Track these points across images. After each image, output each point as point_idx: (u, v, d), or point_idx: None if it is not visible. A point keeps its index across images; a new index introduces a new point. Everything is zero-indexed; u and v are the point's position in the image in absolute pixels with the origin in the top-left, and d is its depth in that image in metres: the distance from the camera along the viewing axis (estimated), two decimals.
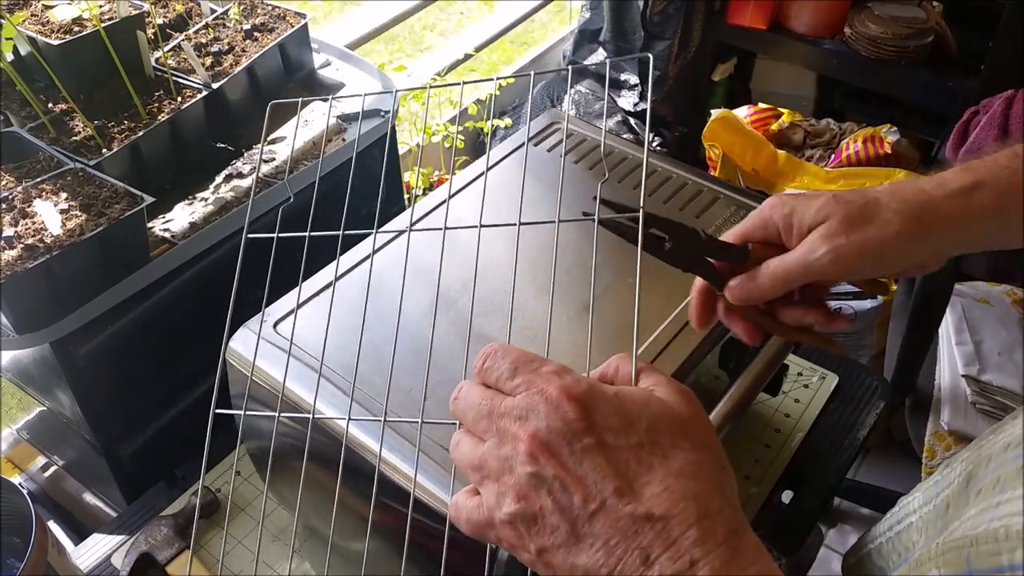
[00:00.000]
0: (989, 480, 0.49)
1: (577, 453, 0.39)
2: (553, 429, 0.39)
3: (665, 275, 0.77)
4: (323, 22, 2.35)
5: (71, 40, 0.94)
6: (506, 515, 0.40)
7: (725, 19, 1.95)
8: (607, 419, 0.40)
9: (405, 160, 1.72)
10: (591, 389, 0.41)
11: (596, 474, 0.38)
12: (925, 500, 0.63)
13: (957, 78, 1.75)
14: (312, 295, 0.75)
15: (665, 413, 0.41)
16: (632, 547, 0.37)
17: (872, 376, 1.07)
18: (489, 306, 0.73)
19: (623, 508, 0.38)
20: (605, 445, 0.39)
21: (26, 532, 0.73)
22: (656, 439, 0.40)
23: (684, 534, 0.37)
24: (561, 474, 0.39)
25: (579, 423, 0.39)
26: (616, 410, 0.40)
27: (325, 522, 0.81)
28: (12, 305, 0.76)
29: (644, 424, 0.40)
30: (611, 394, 0.41)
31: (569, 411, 0.39)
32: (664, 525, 0.37)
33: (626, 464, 0.39)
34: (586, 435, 0.39)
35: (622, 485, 0.38)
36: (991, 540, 0.43)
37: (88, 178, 0.86)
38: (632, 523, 0.38)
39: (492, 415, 0.41)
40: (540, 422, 0.40)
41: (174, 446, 0.96)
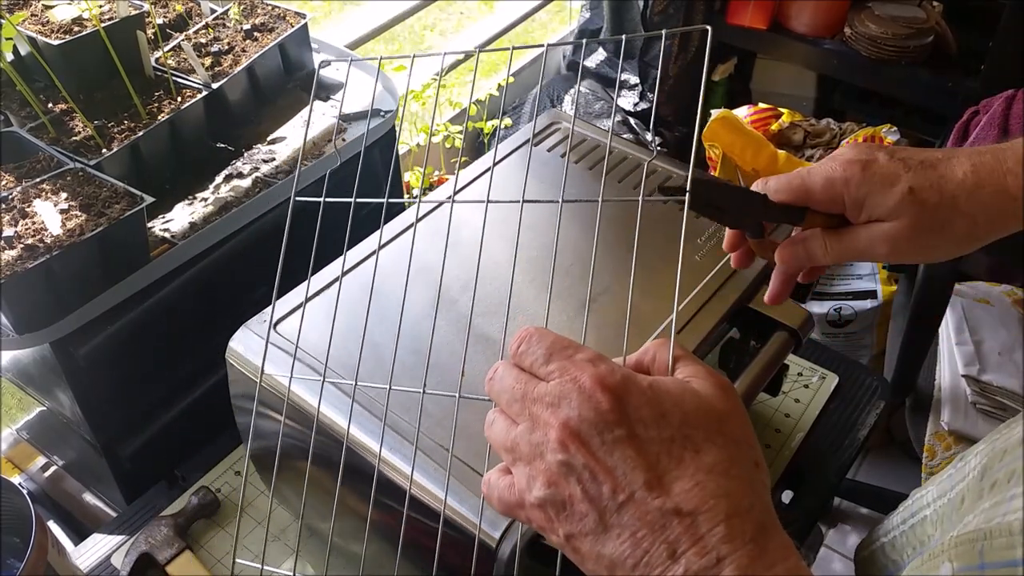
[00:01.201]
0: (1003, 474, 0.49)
1: (608, 444, 0.39)
2: (585, 419, 0.39)
3: (663, 275, 0.77)
4: (323, 22, 2.35)
5: (71, 40, 0.94)
6: (536, 499, 0.40)
7: (725, 19, 1.95)
8: (640, 411, 0.39)
9: (405, 160, 1.72)
10: (625, 380, 0.40)
11: (626, 465, 0.38)
12: (939, 493, 0.63)
13: (957, 78, 1.75)
14: (312, 295, 0.75)
15: (700, 407, 0.40)
16: (659, 540, 0.37)
17: (872, 376, 1.07)
18: (489, 306, 0.73)
19: (652, 501, 0.38)
20: (636, 437, 0.39)
21: (26, 532, 0.73)
22: (689, 433, 0.39)
23: (712, 530, 0.37)
24: (591, 463, 0.39)
25: (611, 414, 0.39)
26: (649, 402, 0.40)
27: (326, 522, 0.81)
28: (12, 305, 0.76)
29: (677, 418, 0.40)
30: (645, 385, 0.40)
31: (602, 401, 0.39)
32: (692, 520, 0.37)
33: (657, 457, 0.39)
34: (617, 426, 0.39)
35: (652, 478, 0.38)
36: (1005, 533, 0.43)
37: (88, 178, 0.86)
38: (660, 517, 0.38)
39: (525, 399, 0.42)
40: (572, 411, 0.40)
41: (174, 446, 0.96)
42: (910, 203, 0.51)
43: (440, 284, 0.73)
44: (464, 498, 0.59)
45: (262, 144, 1.02)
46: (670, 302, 0.74)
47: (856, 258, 0.55)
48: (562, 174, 0.88)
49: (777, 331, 0.77)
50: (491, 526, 0.58)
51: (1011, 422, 0.55)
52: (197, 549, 0.87)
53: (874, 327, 1.78)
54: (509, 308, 0.72)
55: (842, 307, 1.76)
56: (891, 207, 0.52)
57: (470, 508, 0.58)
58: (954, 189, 0.52)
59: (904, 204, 0.51)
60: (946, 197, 0.51)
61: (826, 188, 0.53)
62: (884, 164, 0.53)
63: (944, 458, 1.41)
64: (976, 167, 0.52)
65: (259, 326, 0.73)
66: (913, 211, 0.51)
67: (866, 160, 0.53)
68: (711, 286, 0.76)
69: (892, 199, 0.52)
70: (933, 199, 0.51)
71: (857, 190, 0.53)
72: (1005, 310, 1.58)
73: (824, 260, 0.55)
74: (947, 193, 0.51)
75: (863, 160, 0.53)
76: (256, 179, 0.97)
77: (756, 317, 0.78)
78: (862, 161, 0.53)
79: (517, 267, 0.75)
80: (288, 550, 0.87)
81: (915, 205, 0.51)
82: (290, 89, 1.10)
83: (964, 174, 0.52)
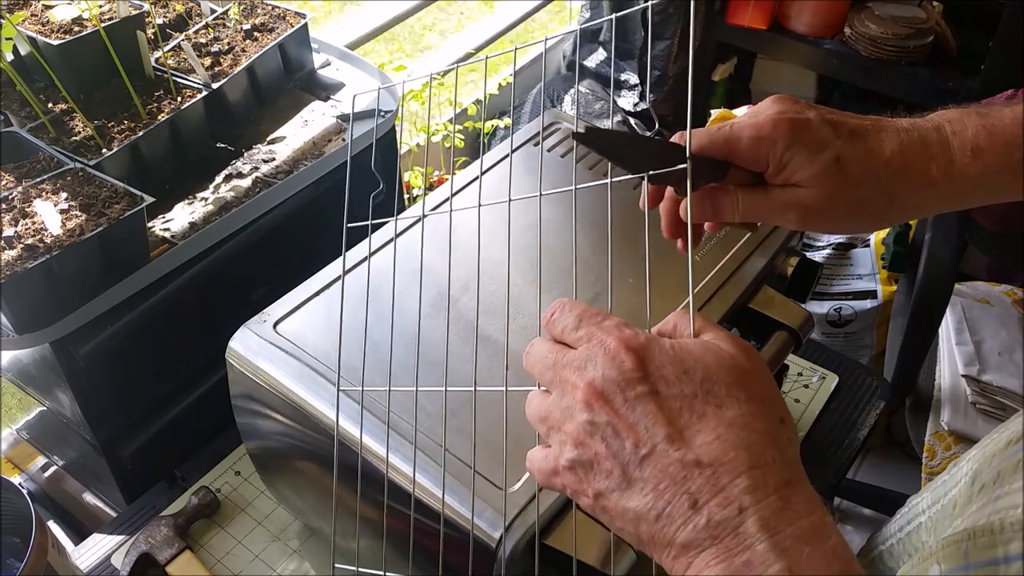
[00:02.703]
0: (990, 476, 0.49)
1: (631, 400, 0.40)
2: (608, 378, 0.40)
3: (670, 269, 0.77)
4: (323, 22, 2.35)
5: (71, 40, 0.94)
6: (567, 461, 0.41)
7: (725, 19, 1.95)
8: (662, 369, 0.40)
9: (405, 160, 1.72)
10: (648, 341, 0.42)
11: (648, 420, 0.39)
12: (933, 500, 0.63)
13: (957, 78, 1.75)
14: (311, 295, 0.75)
15: (722, 365, 0.41)
16: (681, 492, 0.38)
17: (872, 376, 1.07)
18: (489, 305, 0.73)
19: (673, 453, 0.38)
20: (658, 394, 0.40)
21: (26, 532, 0.73)
22: (711, 389, 0.40)
23: (733, 481, 0.37)
24: (614, 420, 0.40)
25: (634, 372, 0.40)
26: (672, 360, 0.41)
27: (326, 521, 0.81)
28: (12, 305, 0.76)
29: (700, 375, 0.40)
30: (668, 346, 0.42)
31: (626, 360, 0.40)
32: (713, 472, 0.38)
33: (678, 412, 0.39)
34: (640, 384, 0.40)
35: (673, 432, 0.39)
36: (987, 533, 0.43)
37: (88, 178, 0.86)
38: (681, 468, 0.38)
39: (556, 366, 0.43)
40: (597, 371, 0.41)
41: (174, 446, 0.96)
42: (834, 173, 0.50)
43: (447, 285, 0.73)
44: (464, 498, 0.59)
45: (262, 144, 1.02)
46: (675, 297, 0.74)
47: (764, 219, 0.54)
48: (563, 174, 0.88)
49: (777, 331, 0.77)
50: (491, 526, 0.58)
51: (1001, 427, 0.55)
52: (197, 549, 0.87)
53: (874, 327, 1.78)
54: (509, 308, 0.72)
55: (842, 307, 1.76)
56: (813, 175, 0.50)
57: (470, 508, 0.58)
58: (880, 167, 0.51)
59: (827, 174, 0.50)
60: (871, 174, 0.51)
61: (752, 146, 0.51)
62: (815, 127, 0.51)
63: (944, 458, 1.41)
64: (903, 147, 0.51)
65: (259, 326, 0.72)
66: (834, 182, 0.50)
67: (796, 119, 0.51)
68: (711, 286, 0.76)
69: (816, 166, 0.50)
70: (858, 174, 0.50)
71: (783, 152, 0.51)
72: (1005, 310, 1.58)
73: (732, 218, 0.54)
74: (872, 170, 0.51)
75: (792, 119, 0.51)
76: (256, 179, 0.97)
77: (756, 317, 0.78)
78: (791, 120, 0.51)
79: (517, 267, 0.75)
80: (288, 550, 0.87)
81: (838, 176, 0.50)
82: (290, 89, 1.10)
83: (892, 152, 0.51)
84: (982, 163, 0.51)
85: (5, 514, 0.79)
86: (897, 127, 0.52)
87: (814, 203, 0.51)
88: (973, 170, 0.51)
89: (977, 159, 0.51)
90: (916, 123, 0.53)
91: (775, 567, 0.36)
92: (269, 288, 0.63)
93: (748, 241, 0.81)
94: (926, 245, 1.57)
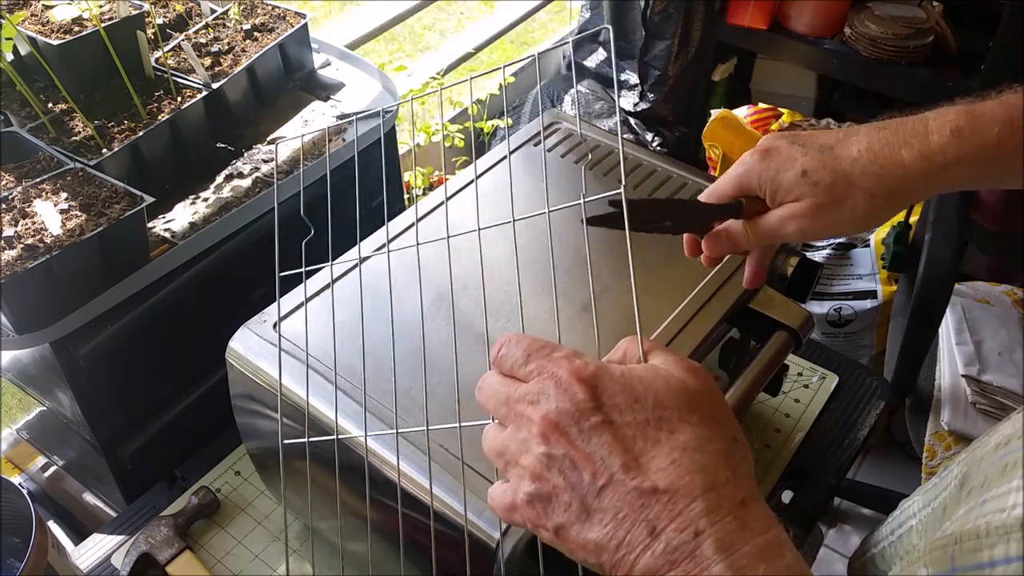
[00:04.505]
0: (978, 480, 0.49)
1: (585, 432, 0.40)
2: (563, 410, 0.40)
3: (664, 275, 0.77)
4: (323, 22, 2.35)
5: (71, 40, 0.94)
6: (525, 495, 0.41)
7: (725, 19, 1.95)
8: (614, 398, 0.41)
9: (405, 160, 1.72)
10: (598, 370, 0.42)
11: (604, 450, 0.39)
12: (924, 503, 0.63)
13: (957, 78, 1.75)
14: (311, 296, 0.75)
15: (671, 388, 0.41)
16: (639, 519, 0.38)
17: (872, 376, 1.07)
18: (489, 307, 0.73)
19: (629, 482, 0.39)
20: (612, 423, 0.40)
21: (26, 532, 0.73)
22: (663, 415, 0.40)
23: (689, 506, 0.38)
24: (571, 452, 0.40)
25: (587, 403, 0.40)
26: (623, 388, 0.41)
27: (326, 521, 0.81)
28: (12, 305, 0.76)
29: (651, 401, 0.41)
30: (617, 374, 0.42)
31: (578, 392, 0.41)
32: (670, 498, 0.38)
33: (633, 440, 0.40)
34: (593, 414, 0.40)
35: (628, 460, 0.39)
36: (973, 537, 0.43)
37: (88, 178, 0.86)
38: (639, 496, 0.38)
39: (509, 401, 0.43)
40: (551, 404, 0.41)
41: (174, 446, 0.96)
42: (805, 184, 0.56)
43: (452, 287, 0.73)
44: (463, 498, 0.59)
45: (262, 144, 1.02)
46: (670, 302, 0.74)
47: (774, 238, 0.59)
48: (563, 174, 0.88)
49: (777, 331, 0.77)
50: (491, 526, 0.58)
51: (991, 430, 0.55)
52: (197, 549, 0.87)
53: (874, 327, 1.78)
54: (522, 308, 0.72)
55: (842, 307, 1.76)
56: (789, 189, 0.56)
57: (470, 509, 0.58)
58: (847, 167, 0.55)
59: (800, 185, 0.56)
60: (839, 175, 0.55)
61: (739, 183, 0.59)
62: (784, 150, 0.57)
63: (944, 458, 1.42)
64: (872, 143, 0.55)
65: (259, 326, 0.73)
66: (810, 191, 0.55)
67: (766, 148, 0.58)
68: (711, 286, 0.76)
69: (789, 181, 0.56)
70: (826, 179, 0.55)
71: (759, 178, 0.57)
72: (1005, 310, 1.58)
73: (747, 245, 0.60)
74: (840, 172, 0.55)
75: (764, 149, 0.58)
76: (256, 179, 0.97)
77: (756, 317, 0.78)
78: (762, 150, 0.58)
79: (517, 268, 0.75)
80: (288, 550, 0.87)
81: (810, 186, 0.55)
82: (290, 89, 1.10)
83: (859, 152, 0.55)
84: (960, 141, 0.53)
85: (5, 514, 0.79)
86: (870, 127, 0.56)
87: (802, 213, 0.56)
88: (951, 149, 0.53)
89: (956, 138, 0.53)
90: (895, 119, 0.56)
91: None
92: (269, 288, 0.63)
93: None
94: (926, 245, 1.57)
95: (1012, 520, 0.41)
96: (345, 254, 0.77)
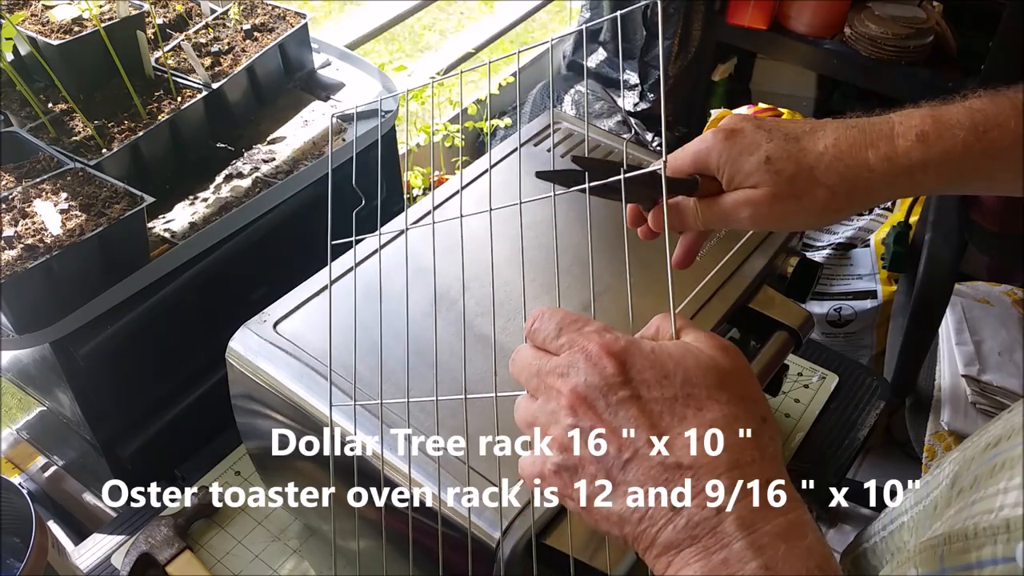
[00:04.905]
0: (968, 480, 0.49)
1: (613, 405, 0.40)
2: (591, 384, 0.41)
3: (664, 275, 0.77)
4: (323, 22, 2.35)
5: (71, 40, 0.94)
6: (552, 465, 0.42)
7: (725, 19, 1.95)
8: (643, 373, 0.41)
9: (405, 160, 1.72)
10: (629, 345, 0.42)
11: (630, 424, 0.40)
12: (916, 500, 0.63)
13: (957, 78, 1.75)
14: (311, 295, 0.75)
15: (701, 366, 0.42)
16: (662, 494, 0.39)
17: (872, 376, 1.07)
18: (490, 306, 0.73)
19: (654, 456, 0.39)
20: (640, 398, 0.41)
21: (26, 532, 0.73)
22: (691, 392, 0.41)
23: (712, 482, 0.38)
24: (597, 425, 0.40)
25: (616, 377, 0.41)
26: (652, 364, 0.41)
27: (326, 521, 0.81)
28: (12, 305, 0.76)
29: (680, 377, 0.41)
30: (648, 350, 0.42)
31: (607, 366, 0.41)
32: (694, 473, 0.38)
33: (659, 415, 0.40)
34: (622, 388, 0.41)
35: (655, 435, 0.40)
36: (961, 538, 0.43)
37: (88, 178, 0.86)
38: (663, 471, 0.39)
39: (540, 374, 0.44)
40: (580, 377, 0.41)
41: (174, 446, 0.96)
42: (766, 171, 0.54)
43: (445, 286, 0.73)
44: (463, 498, 0.59)
45: (262, 144, 1.02)
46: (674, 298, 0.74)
47: (724, 223, 0.57)
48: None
49: (777, 331, 0.77)
50: (491, 526, 0.58)
51: (982, 429, 0.55)
52: (197, 549, 0.87)
53: (874, 327, 1.78)
54: (495, 309, 0.72)
55: (842, 307, 1.77)
56: (749, 174, 0.55)
57: (469, 508, 0.58)
58: (812, 161, 0.54)
59: (761, 172, 0.54)
60: (803, 168, 0.54)
61: (696, 159, 0.57)
62: (749, 133, 0.56)
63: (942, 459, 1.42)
64: (838, 140, 0.54)
65: (259, 326, 0.73)
66: (771, 179, 0.54)
67: (731, 129, 0.56)
68: (711, 286, 0.76)
69: (749, 166, 0.55)
70: (789, 169, 0.54)
71: (718, 158, 0.56)
72: (1005, 310, 1.58)
73: (695, 225, 0.59)
74: (804, 164, 0.54)
75: (728, 129, 0.56)
76: (256, 179, 0.97)
77: (756, 317, 0.78)
78: (727, 130, 0.56)
79: (517, 268, 0.75)
80: (288, 550, 0.87)
81: (771, 174, 0.54)
82: (290, 89, 1.10)
83: (825, 147, 0.54)
84: (925, 146, 0.53)
85: (5, 514, 0.79)
86: (838, 124, 0.56)
87: (758, 200, 0.55)
88: (916, 153, 0.53)
89: (921, 143, 0.53)
90: (863, 118, 0.56)
91: (751, 565, 0.36)
92: (269, 288, 0.63)
93: (748, 241, 0.81)
94: (926, 245, 1.57)
95: (1000, 521, 0.41)
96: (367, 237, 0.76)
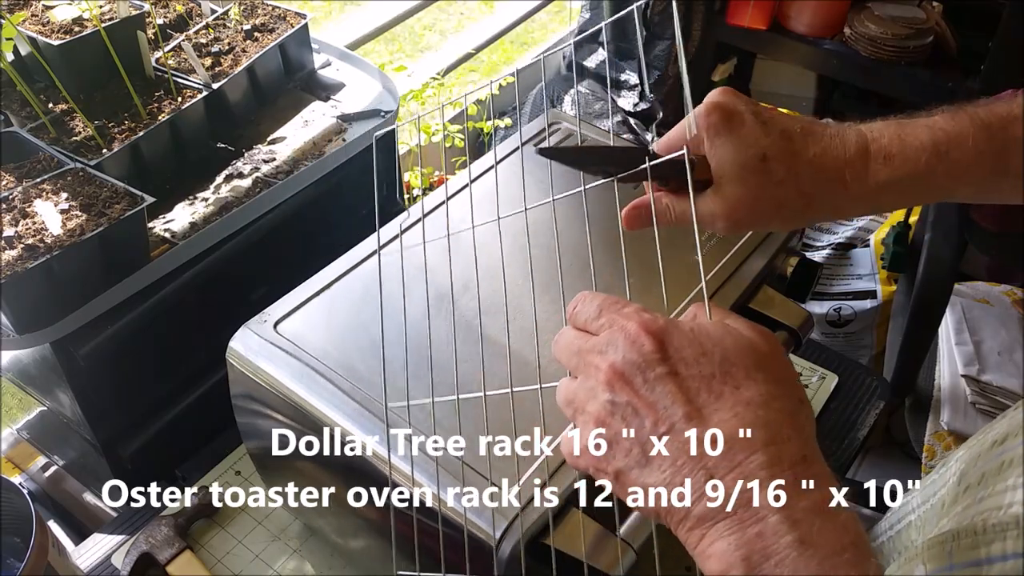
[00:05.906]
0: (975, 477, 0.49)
1: (650, 381, 0.41)
2: (629, 360, 0.42)
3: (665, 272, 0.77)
4: (323, 22, 2.35)
5: (71, 40, 0.94)
6: (589, 440, 0.43)
7: (725, 19, 1.95)
8: (681, 351, 0.42)
9: (405, 160, 1.72)
10: (667, 324, 0.43)
11: (667, 399, 0.41)
12: (923, 499, 0.63)
13: (957, 78, 1.75)
14: (311, 295, 0.75)
15: (740, 346, 0.42)
16: (698, 467, 0.39)
17: (872, 376, 1.07)
18: (490, 306, 0.73)
19: (690, 431, 0.40)
20: (677, 374, 0.41)
21: (26, 532, 0.73)
22: (729, 370, 0.41)
23: (749, 458, 0.39)
24: (634, 400, 0.41)
25: (654, 354, 0.42)
26: (691, 342, 0.42)
27: (325, 522, 0.81)
28: (12, 305, 0.76)
29: (718, 356, 0.42)
30: (687, 328, 0.43)
31: (646, 343, 0.42)
32: (729, 448, 0.39)
33: (697, 392, 0.41)
34: (659, 365, 0.41)
35: (691, 411, 0.40)
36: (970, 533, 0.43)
37: (88, 178, 0.86)
38: (698, 445, 0.39)
39: (581, 353, 0.45)
40: (618, 354, 0.42)
41: (174, 446, 0.96)
42: (759, 171, 0.53)
43: (447, 287, 0.73)
44: (462, 497, 0.59)
45: (262, 144, 1.02)
46: (671, 300, 0.74)
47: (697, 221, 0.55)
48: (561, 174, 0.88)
49: (777, 331, 0.77)
50: (490, 526, 0.58)
51: (988, 426, 0.55)
52: (197, 549, 0.87)
53: (874, 327, 1.78)
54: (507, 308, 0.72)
55: (842, 307, 1.77)
56: (739, 168, 0.53)
57: (468, 508, 0.58)
58: (800, 167, 0.53)
59: (752, 170, 0.53)
60: (792, 174, 0.53)
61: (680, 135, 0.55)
62: (748, 122, 0.53)
63: (944, 458, 1.42)
64: (825, 151, 0.54)
65: (259, 326, 0.73)
66: (758, 180, 0.53)
67: (730, 112, 0.53)
68: (711, 286, 0.76)
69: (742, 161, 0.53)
70: (780, 173, 0.53)
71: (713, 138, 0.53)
72: (1005, 310, 1.58)
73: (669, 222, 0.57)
74: (794, 170, 0.53)
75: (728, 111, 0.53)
76: (256, 179, 0.97)
77: (756, 317, 0.78)
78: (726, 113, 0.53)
79: (517, 268, 0.75)
80: (288, 550, 0.87)
81: (763, 174, 0.53)
82: (290, 89, 1.10)
83: (814, 155, 0.53)
84: (891, 168, 0.53)
85: (5, 514, 0.79)
86: (824, 131, 0.55)
87: (740, 200, 0.53)
88: (882, 174, 0.53)
89: (887, 164, 0.53)
90: (843, 129, 0.55)
91: (786, 539, 0.37)
92: (269, 288, 0.63)
93: (748, 241, 0.81)
94: (926, 245, 1.57)
95: (1010, 518, 0.41)
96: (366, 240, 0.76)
